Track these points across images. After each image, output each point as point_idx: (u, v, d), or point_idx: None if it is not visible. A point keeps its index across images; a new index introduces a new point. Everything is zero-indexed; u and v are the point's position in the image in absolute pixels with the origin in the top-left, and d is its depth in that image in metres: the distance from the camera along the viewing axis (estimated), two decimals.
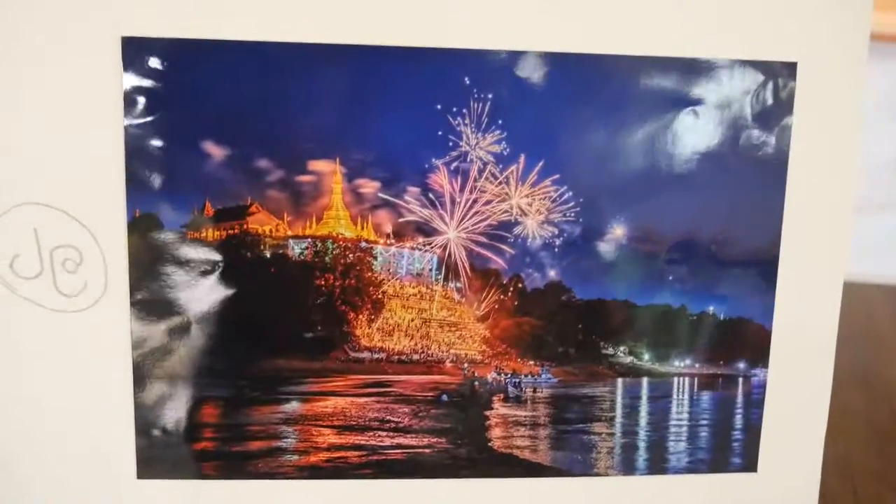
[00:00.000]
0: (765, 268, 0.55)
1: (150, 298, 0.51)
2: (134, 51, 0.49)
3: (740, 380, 0.56)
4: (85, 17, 0.49)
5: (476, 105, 0.51)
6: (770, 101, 0.53)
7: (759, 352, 0.56)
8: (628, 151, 0.52)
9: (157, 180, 0.50)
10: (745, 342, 0.56)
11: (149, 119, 0.50)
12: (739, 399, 0.56)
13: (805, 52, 0.53)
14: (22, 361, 0.52)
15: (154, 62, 0.49)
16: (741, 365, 0.56)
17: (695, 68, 0.52)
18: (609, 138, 0.52)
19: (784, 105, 0.53)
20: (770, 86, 0.53)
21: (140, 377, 0.52)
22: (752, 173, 0.54)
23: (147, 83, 0.49)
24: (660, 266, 0.54)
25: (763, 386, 0.56)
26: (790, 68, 0.52)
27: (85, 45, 0.49)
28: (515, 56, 0.51)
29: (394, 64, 0.50)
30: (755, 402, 0.56)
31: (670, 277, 0.54)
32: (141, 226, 0.51)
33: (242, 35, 0.49)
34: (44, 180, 0.50)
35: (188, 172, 0.50)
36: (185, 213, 0.51)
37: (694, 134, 0.53)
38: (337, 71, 0.50)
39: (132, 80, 0.49)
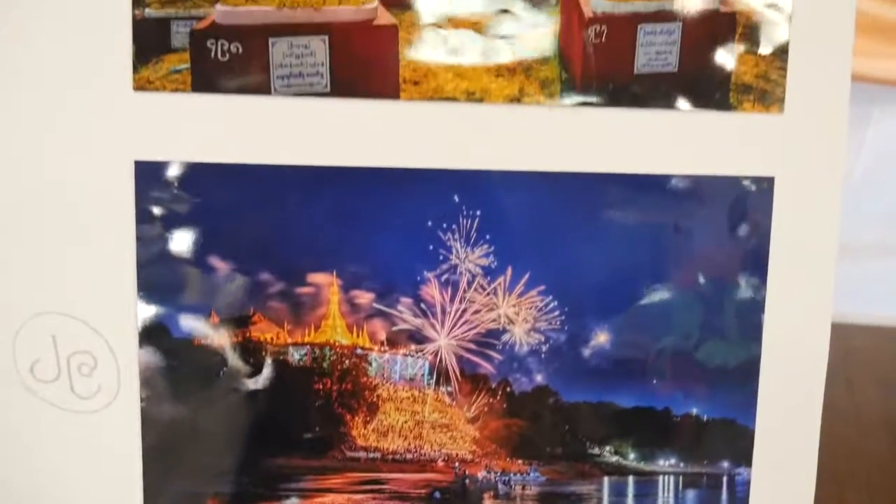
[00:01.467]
0: (746, 370, 0.57)
1: (159, 401, 0.55)
2: (147, 173, 0.52)
3: (724, 478, 0.58)
4: (100, 143, 0.53)
5: (465, 221, 0.54)
6: (748, 212, 0.55)
7: (742, 451, 0.57)
8: (611, 263, 0.55)
9: (167, 291, 0.54)
10: (729, 442, 0.57)
11: (159, 234, 0.53)
12: (724, 497, 0.58)
13: (782, 167, 0.55)
14: (40, 458, 0.56)
15: (165, 183, 0.53)
16: (725, 464, 0.58)
17: (676, 184, 0.54)
18: (593, 251, 0.55)
19: (762, 216, 0.55)
20: (748, 198, 0.55)
21: (149, 473, 0.56)
22: (734, 278, 0.56)
23: (158, 202, 0.53)
24: (643, 370, 0.56)
25: (747, 484, 0.58)
26: (768, 182, 0.55)
27: (101, 168, 0.53)
28: (502, 175, 0.54)
29: (387, 184, 0.53)
30: (739, 501, 0.58)
31: (654, 381, 0.56)
32: (151, 333, 0.54)
33: (247, 159, 0.53)
34: (62, 291, 0.54)
35: (196, 284, 0.54)
36: (193, 322, 0.54)
37: (675, 245, 0.55)
38: (334, 191, 0.53)
39: (144, 200, 0.53)
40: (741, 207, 0.55)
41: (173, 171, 0.53)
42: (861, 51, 1.49)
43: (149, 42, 0.52)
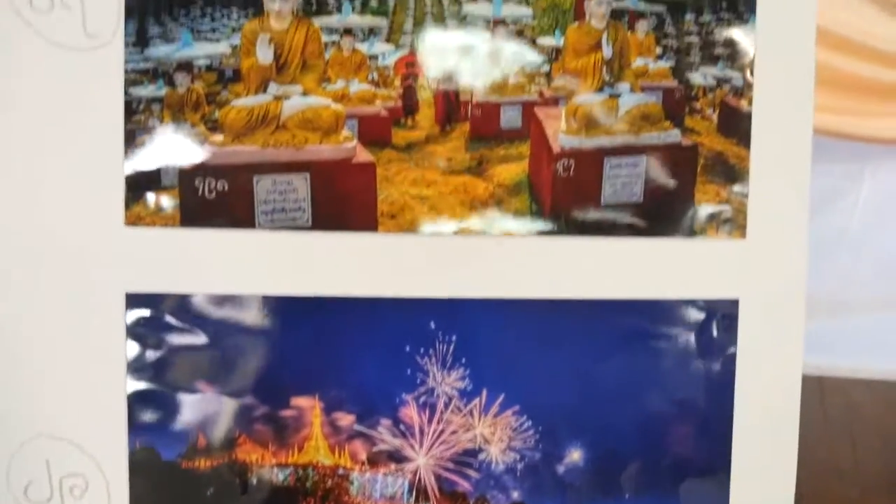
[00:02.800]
0: (718, 480, 0.58)
1: None
2: (137, 304, 0.55)
3: None
4: (94, 275, 0.55)
5: (441, 346, 0.56)
6: (714, 333, 0.57)
7: None
8: (583, 383, 0.57)
9: (155, 416, 0.56)
10: None
11: (149, 361, 0.56)
12: None
13: (746, 290, 0.57)
14: None
15: (155, 314, 0.55)
16: None
17: (644, 307, 0.57)
18: (565, 373, 0.57)
19: (728, 337, 0.57)
20: (714, 320, 0.57)
21: None
22: (702, 397, 0.58)
23: (148, 331, 0.55)
24: (617, 484, 0.58)
25: None
26: (733, 304, 0.57)
27: (93, 299, 0.55)
28: (476, 302, 0.56)
29: (366, 312, 0.56)
30: None
31: (626, 495, 0.58)
32: (141, 456, 0.56)
33: (233, 289, 0.55)
34: (56, 415, 0.56)
35: (183, 409, 0.56)
36: (181, 445, 0.56)
37: (643, 366, 0.57)
38: (316, 319, 0.56)
39: (135, 330, 0.55)
40: (707, 329, 0.57)
41: (163, 302, 0.55)
42: (853, 110, 1.53)
43: (140, 180, 0.55)
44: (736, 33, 0.56)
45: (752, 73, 0.56)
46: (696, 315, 0.57)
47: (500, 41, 0.55)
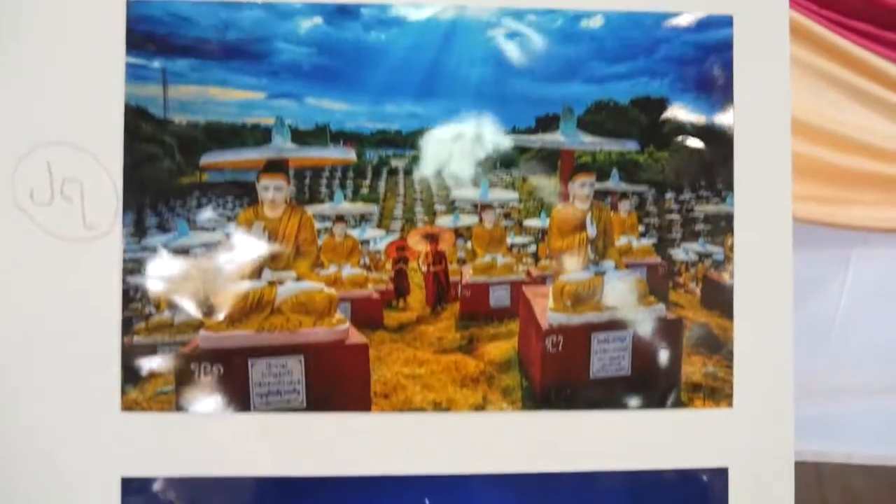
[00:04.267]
0: None
1: None
2: (133, 489, 0.55)
3: None
4: (89, 459, 0.56)
5: None
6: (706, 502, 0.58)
7: None
8: None
9: None
10: None
11: None
12: None
13: (735, 458, 0.58)
14: None
15: (151, 498, 0.56)
16: None
17: (634, 478, 0.57)
18: None
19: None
20: (705, 490, 0.58)
21: None
22: None
23: None
24: None
25: None
26: (722, 472, 0.58)
27: (89, 484, 0.56)
28: (470, 478, 0.57)
29: (362, 490, 0.56)
30: None
31: None
32: None
33: (229, 472, 0.56)
34: None
35: None
36: None
37: None
38: (312, 500, 0.56)
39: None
40: (698, 499, 0.58)
41: (158, 487, 0.56)
42: (838, 199, 1.55)
43: (136, 366, 0.56)
44: (715, 210, 0.58)
45: (731, 249, 0.58)
46: (686, 485, 0.58)
47: (487, 224, 0.57)
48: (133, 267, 0.56)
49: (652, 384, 0.58)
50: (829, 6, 1.44)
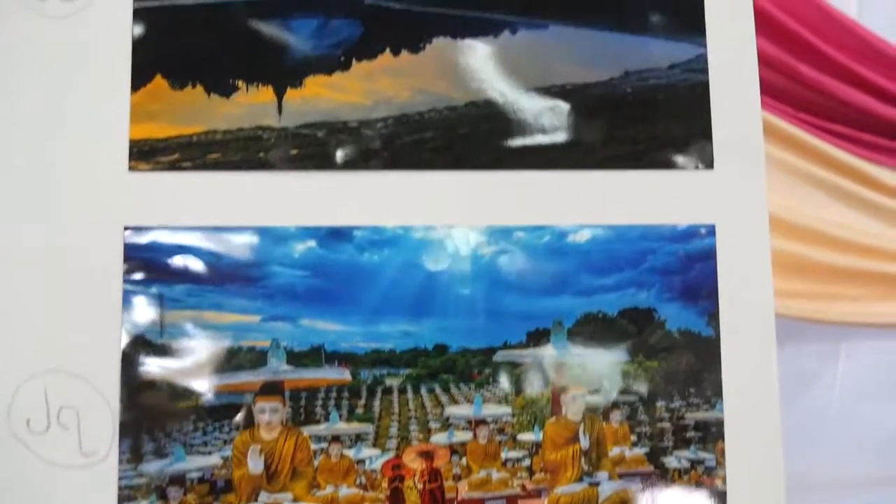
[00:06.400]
0: None
1: None
2: None
3: None
4: None
5: None
6: None
7: None
8: None
9: None
10: None
11: None
12: None
13: None
14: None
15: None
16: None
17: None
18: None
19: None
20: None
21: None
22: None
23: None
24: None
25: None
26: None
27: None
28: None
29: None
30: None
31: None
32: None
33: None
34: None
35: None
36: None
37: None
38: None
39: None
40: None
41: None
42: (828, 295, 1.58)
43: None
44: (705, 416, 0.59)
45: (723, 455, 0.59)
46: None
47: (482, 439, 0.58)
48: (129, 494, 0.56)
49: None
50: (805, 109, 1.48)
